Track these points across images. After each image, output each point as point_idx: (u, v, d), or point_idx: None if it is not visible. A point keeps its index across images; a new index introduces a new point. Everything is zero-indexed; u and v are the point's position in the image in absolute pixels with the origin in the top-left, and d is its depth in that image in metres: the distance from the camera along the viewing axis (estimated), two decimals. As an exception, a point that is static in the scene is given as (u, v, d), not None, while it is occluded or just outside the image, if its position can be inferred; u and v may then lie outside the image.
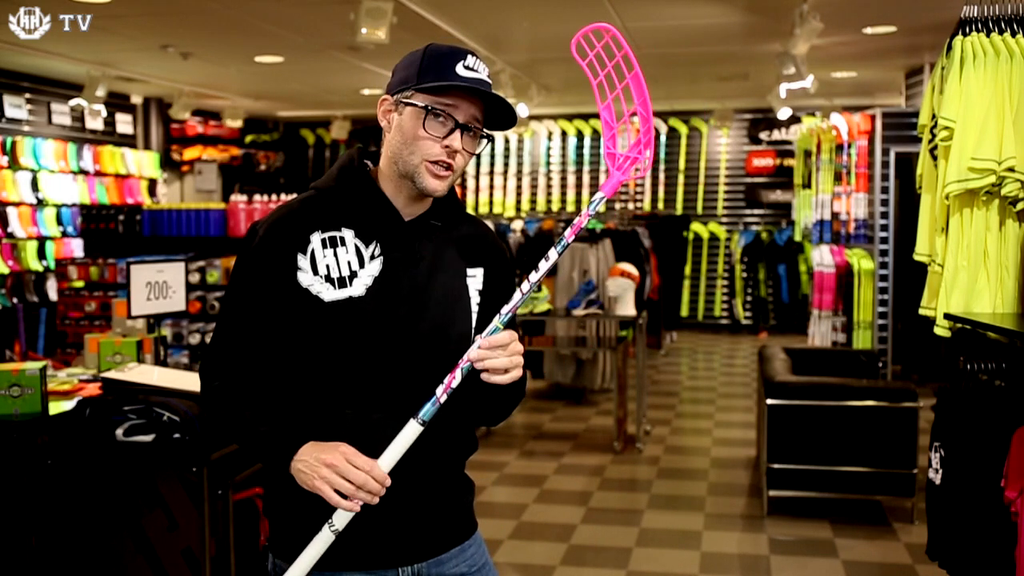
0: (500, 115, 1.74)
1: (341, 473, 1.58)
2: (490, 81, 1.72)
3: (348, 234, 1.71)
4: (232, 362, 1.71)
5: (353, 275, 1.70)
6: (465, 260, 1.80)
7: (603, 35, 1.68)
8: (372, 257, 1.71)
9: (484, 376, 1.64)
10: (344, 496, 1.59)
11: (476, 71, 1.69)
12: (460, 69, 1.67)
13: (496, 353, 1.63)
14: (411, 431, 1.64)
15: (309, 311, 1.68)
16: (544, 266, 1.67)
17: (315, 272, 1.69)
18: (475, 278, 1.80)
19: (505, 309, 1.66)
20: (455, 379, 1.64)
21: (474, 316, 1.79)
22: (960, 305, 3.23)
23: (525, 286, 1.67)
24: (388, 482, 1.61)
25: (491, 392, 1.72)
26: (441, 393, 1.64)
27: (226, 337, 1.73)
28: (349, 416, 1.69)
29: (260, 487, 3.30)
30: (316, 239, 1.70)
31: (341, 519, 1.63)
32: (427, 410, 1.63)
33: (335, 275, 1.69)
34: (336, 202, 1.74)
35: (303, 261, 1.69)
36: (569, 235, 1.65)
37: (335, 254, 1.70)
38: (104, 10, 6.48)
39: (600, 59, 1.69)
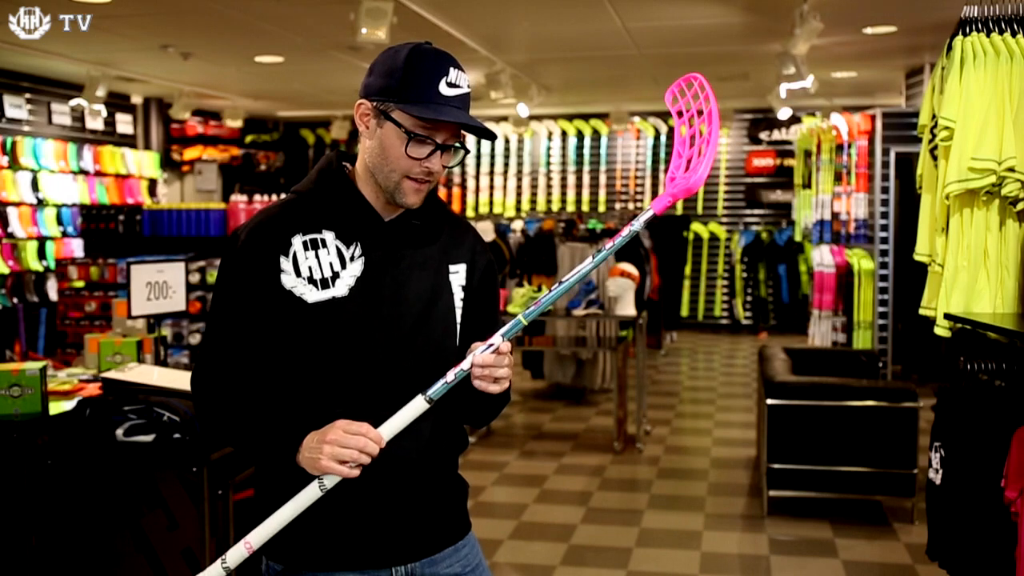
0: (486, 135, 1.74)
1: (341, 444, 1.59)
2: (470, 91, 1.73)
3: (329, 236, 1.73)
4: (222, 368, 1.72)
5: (335, 276, 1.71)
6: (447, 257, 1.81)
7: (693, 84, 1.77)
8: (353, 258, 1.72)
9: (477, 384, 1.65)
10: (351, 465, 1.60)
11: (459, 86, 1.69)
12: (444, 88, 1.67)
13: (503, 360, 1.64)
14: (417, 405, 1.64)
15: (293, 313, 1.69)
16: (596, 259, 1.69)
17: (298, 274, 1.70)
18: (457, 274, 1.81)
19: (529, 312, 1.66)
20: (466, 362, 1.64)
21: (458, 312, 1.81)
22: (960, 305, 3.23)
23: (584, 265, 1.69)
24: (383, 441, 1.62)
25: (479, 398, 1.73)
26: (450, 374, 1.64)
27: (215, 344, 1.74)
28: (338, 415, 1.69)
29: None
30: (297, 241, 1.71)
31: (331, 478, 1.64)
32: (437, 389, 1.64)
33: (317, 276, 1.70)
34: (316, 205, 1.75)
35: (285, 263, 1.70)
36: (606, 243, 1.69)
37: (317, 256, 1.71)
38: (104, 10, 6.48)
39: (688, 104, 1.77)
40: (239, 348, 1.71)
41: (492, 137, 1.74)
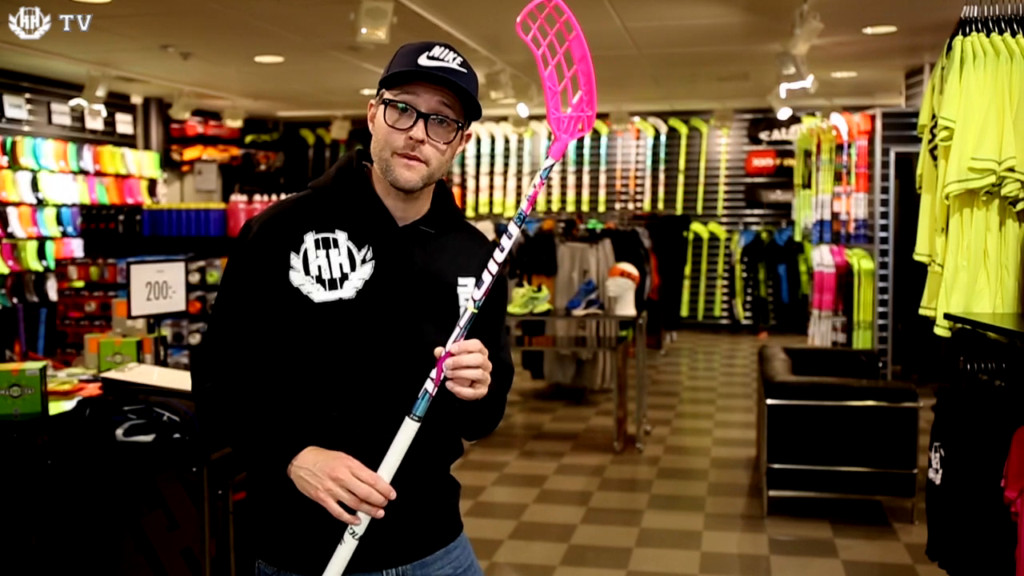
0: (472, 103, 1.71)
1: (346, 487, 1.58)
2: (461, 69, 1.69)
3: (341, 236, 1.71)
4: (224, 361, 1.71)
5: (344, 277, 1.69)
6: (457, 270, 1.78)
7: (545, 6, 1.69)
8: (364, 261, 1.71)
9: (450, 387, 1.63)
10: (348, 509, 1.59)
11: (441, 60, 1.67)
12: (423, 60, 1.66)
13: (470, 358, 1.62)
14: (408, 430, 1.63)
15: (299, 311, 1.68)
16: (507, 243, 1.65)
17: (307, 272, 1.69)
18: (466, 288, 1.78)
19: (477, 295, 1.65)
20: (443, 372, 1.63)
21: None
22: (960, 305, 3.23)
23: (492, 266, 1.65)
24: (393, 495, 1.61)
25: (464, 408, 1.72)
26: (433, 388, 1.63)
27: (218, 335, 1.72)
28: (335, 418, 1.68)
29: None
30: (310, 239, 1.70)
31: (362, 525, 1.62)
32: (420, 405, 1.63)
33: (326, 276, 1.69)
34: (331, 203, 1.74)
35: (296, 260, 1.69)
36: (526, 208, 1.65)
37: (327, 255, 1.70)
38: (104, 10, 6.48)
39: (543, 30, 1.69)
40: (242, 342, 1.70)
41: (474, 103, 1.70)
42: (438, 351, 1.64)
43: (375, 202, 1.73)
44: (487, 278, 1.65)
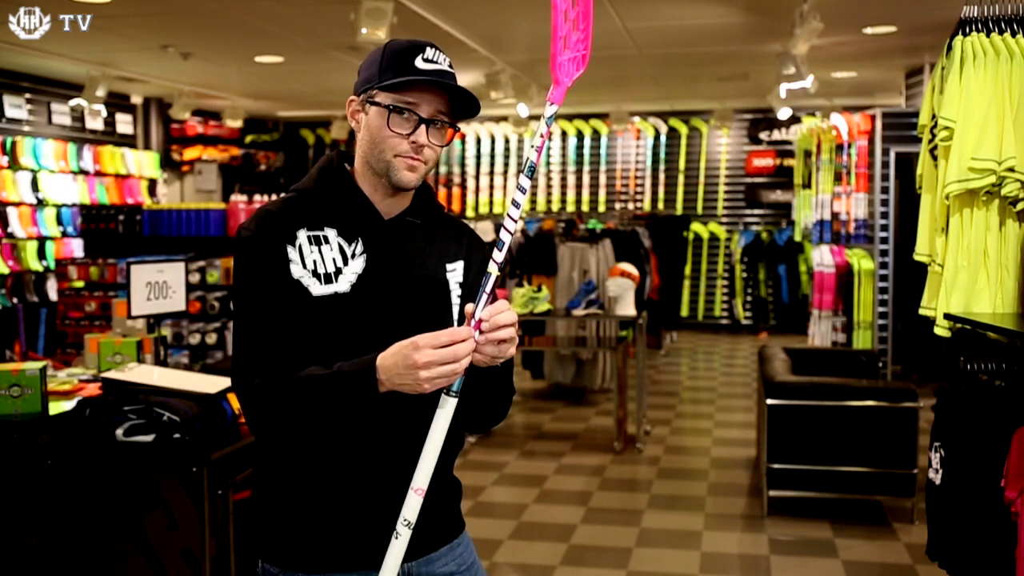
0: (466, 104, 1.74)
1: (437, 364, 1.54)
2: (452, 70, 1.73)
3: (331, 233, 1.73)
4: (265, 356, 1.68)
5: (338, 272, 1.71)
6: (445, 256, 1.82)
7: None
8: (355, 255, 1.73)
9: (484, 351, 1.58)
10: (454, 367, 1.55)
11: (436, 62, 1.70)
12: (419, 63, 1.68)
13: (504, 317, 1.58)
14: (448, 408, 1.60)
15: (300, 303, 1.69)
16: (521, 197, 1.63)
17: (304, 266, 1.70)
18: (455, 272, 1.82)
19: (499, 257, 1.60)
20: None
21: (455, 309, 1.81)
22: (960, 305, 3.23)
23: (509, 223, 1.62)
24: (473, 330, 1.56)
25: (482, 385, 1.69)
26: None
27: (250, 335, 1.70)
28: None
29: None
30: (303, 235, 1.72)
31: (412, 511, 1.59)
32: (456, 380, 1.59)
33: (321, 271, 1.71)
34: (317, 203, 1.75)
35: (293, 254, 1.70)
36: (536, 159, 1.64)
37: (320, 251, 1.72)
38: (104, 10, 6.48)
39: None
40: (275, 335, 1.68)
41: (475, 107, 1.73)
42: (468, 309, 1.59)
43: (360, 198, 1.75)
44: (506, 237, 1.62)
